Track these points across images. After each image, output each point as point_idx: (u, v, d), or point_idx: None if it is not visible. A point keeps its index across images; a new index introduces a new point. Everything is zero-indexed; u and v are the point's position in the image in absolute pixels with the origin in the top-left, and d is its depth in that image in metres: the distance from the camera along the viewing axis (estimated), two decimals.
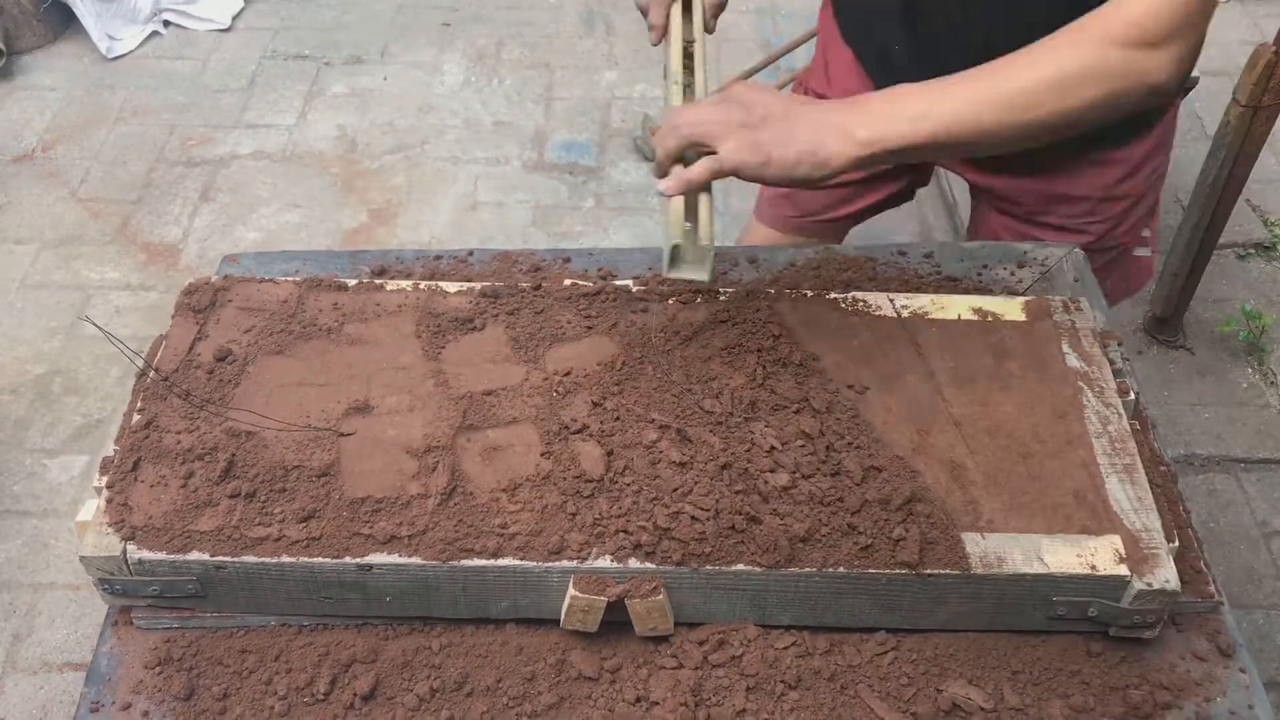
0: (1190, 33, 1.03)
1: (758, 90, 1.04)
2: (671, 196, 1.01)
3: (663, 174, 1.03)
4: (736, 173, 1.00)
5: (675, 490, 1.08)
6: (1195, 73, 2.41)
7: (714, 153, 1.02)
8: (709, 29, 1.36)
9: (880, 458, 1.13)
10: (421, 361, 1.22)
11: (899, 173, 1.71)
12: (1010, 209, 1.57)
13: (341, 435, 1.14)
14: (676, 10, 1.32)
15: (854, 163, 1.00)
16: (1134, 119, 1.36)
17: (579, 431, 1.14)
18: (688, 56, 1.24)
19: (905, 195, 1.78)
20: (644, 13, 1.35)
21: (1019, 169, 1.50)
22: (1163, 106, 1.42)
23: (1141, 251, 1.59)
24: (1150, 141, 1.44)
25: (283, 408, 1.16)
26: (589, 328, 1.25)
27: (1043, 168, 1.48)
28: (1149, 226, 1.55)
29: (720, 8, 1.37)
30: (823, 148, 1.00)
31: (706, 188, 1.06)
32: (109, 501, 1.09)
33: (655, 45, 1.34)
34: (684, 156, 1.05)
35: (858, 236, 2.00)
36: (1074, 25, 1.04)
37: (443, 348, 1.24)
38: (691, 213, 1.05)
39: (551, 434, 1.15)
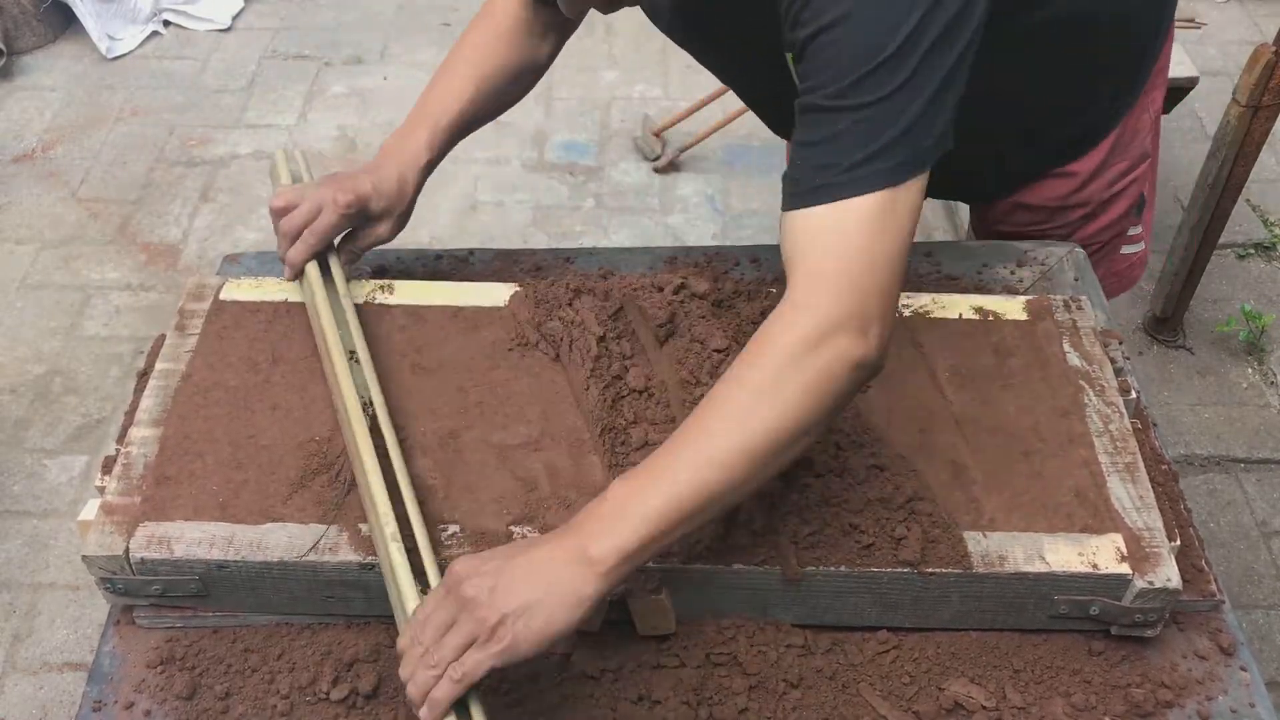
0: (869, 287, 0.94)
1: (470, 570, 0.92)
2: None
3: (417, 708, 0.92)
4: (489, 671, 0.90)
5: None
6: (1195, 73, 2.42)
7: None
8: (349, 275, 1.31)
9: (882, 456, 1.13)
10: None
11: None
12: (985, 213, 1.60)
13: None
14: (326, 308, 1.23)
15: (607, 584, 0.91)
16: (1078, 137, 1.41)
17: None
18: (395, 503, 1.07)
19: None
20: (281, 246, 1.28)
21: (990, 189, 1.53)
22: (1111, 117, 1.42)
23: (1130, 249, 1.60)
24: (1101, 153, 1.43)
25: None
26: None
27: (1004, 182, 1.50)
28: (1136, 223, 1.55)
29: (352, 261, 1.33)
30: (564, 596, 0.90)
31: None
32: (111, 501, 1.09)
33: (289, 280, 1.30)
34: None
35: None
36: (757, 336, 0.95)
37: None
38: None
39: (556, 438, 1.15)
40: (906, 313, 1.29)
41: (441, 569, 1.00)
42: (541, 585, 0.90)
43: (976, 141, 1.03)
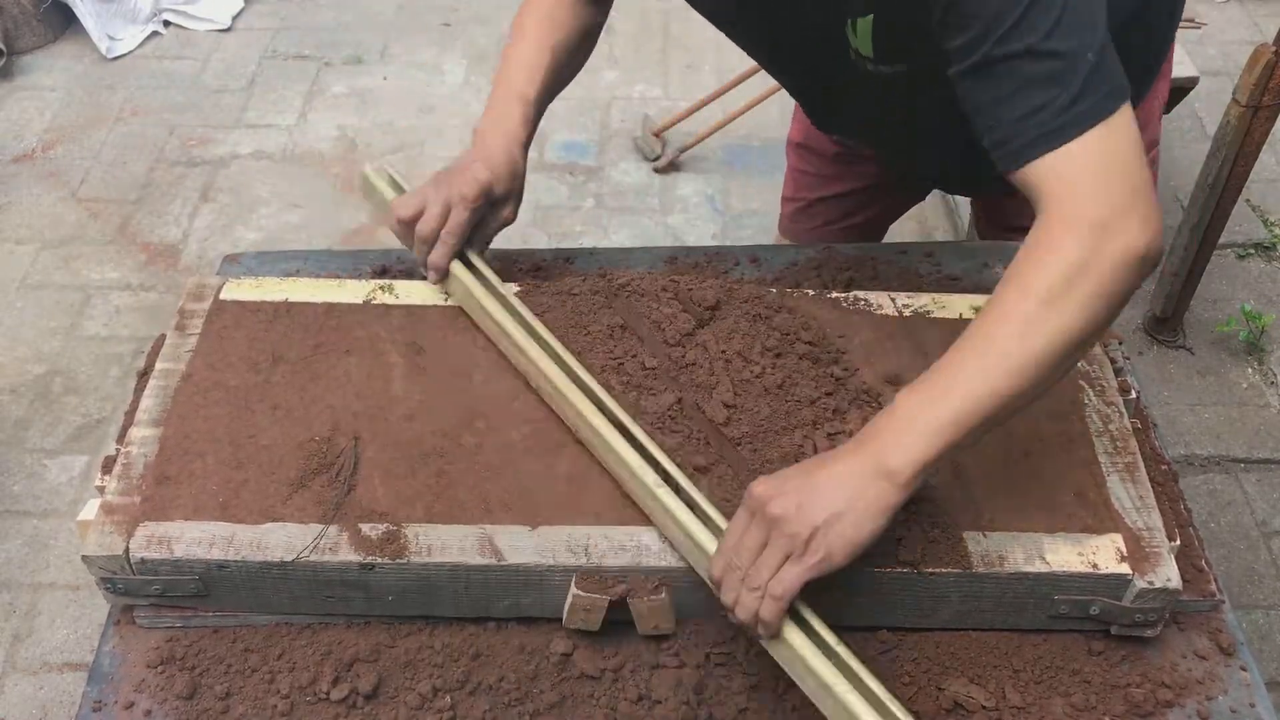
0: (1135, 184, 0.96)
1: (776, 484, 0.95)
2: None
3: (754, 632, 0.97)
4: (808, 583, 0.94)
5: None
6: (1195, 73, 2.42)
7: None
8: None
9: None
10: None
11: (904, 184, 1.72)
12: (997, 210, 1.60)
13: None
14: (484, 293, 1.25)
15: (906, 494, 0.93)
16: None
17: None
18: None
19: (918, 197, 1.80)
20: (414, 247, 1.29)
21: (996, 185, 1.51)
22: (1133, 101, 1.42)
23: None
24: None
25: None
26: (587, 331, 1.25)
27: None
28: None
29: (484, 249, 1.34)
30: (868, 505, 0.93)
31: None
32: (110, 501, 1.09)
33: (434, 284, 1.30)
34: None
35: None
36: (1031, 246, 0.96)
37: None
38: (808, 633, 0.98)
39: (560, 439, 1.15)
40: (907, 312, 1.29)
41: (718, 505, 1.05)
42: (844, 497, 0.93)
43: (953, 149, 1.05)
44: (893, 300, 1.31)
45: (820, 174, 1.71)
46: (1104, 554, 1.06)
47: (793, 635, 0.96)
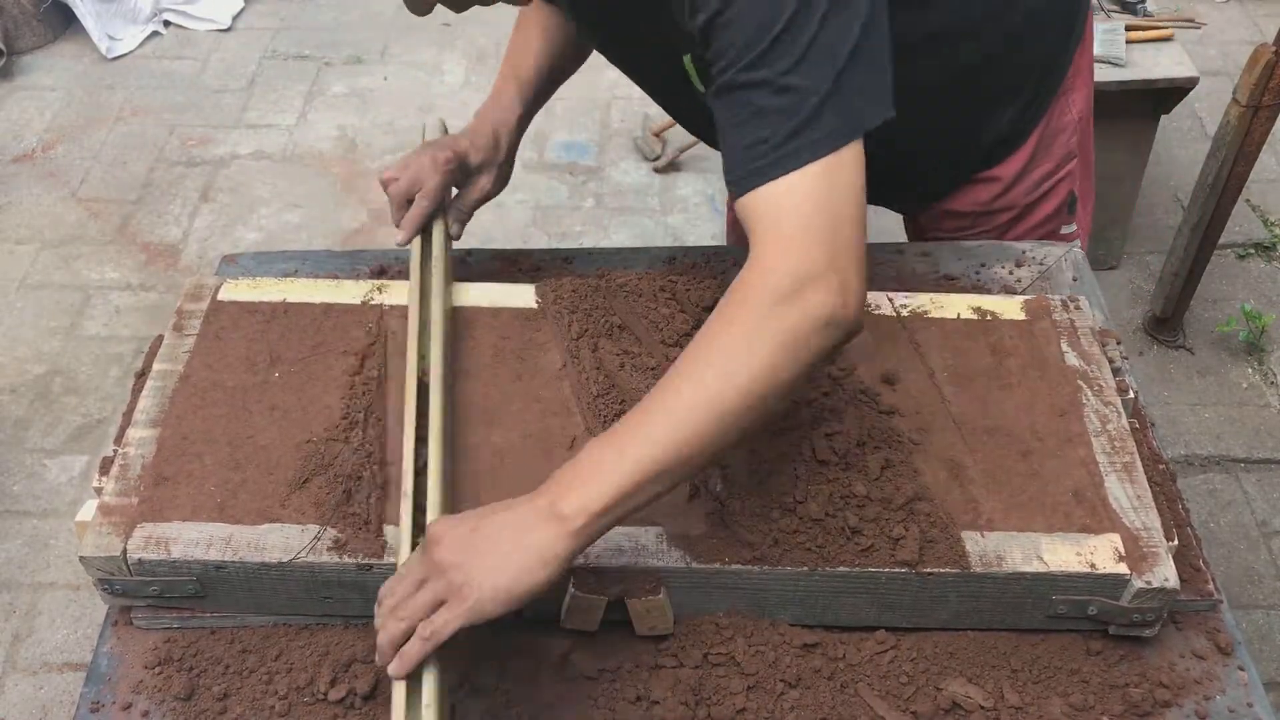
0: (834, 245, 0.93)
1: (444, 532, 0.93)
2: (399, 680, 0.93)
3: (385, 661, 0.93)
4: (458, 630, 0.91)
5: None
6: (1195, 73, 2.42)
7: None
8: (454, 235, 1.37)
9: (892, 455, 1.13)
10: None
11: None
12: (915, 221, 1.61)
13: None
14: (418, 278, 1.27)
15: (578, 542, 0.91)
16: (994, 143, 1.42)
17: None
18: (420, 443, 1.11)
19: None
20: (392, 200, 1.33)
21: (917, 197, 1.54)
22: (1026, 123, 1.42)
23: None
24: (1023, 157, 1.44)
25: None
26: (585, 330, 1.25)
27: (928, 190, 1.51)
28: (1070, 221, 1.56)
29: (463, 221, 1.38)
30: (535, 555, 0.90)
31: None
32: (108, 501, 1.09)
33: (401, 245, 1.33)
34: None
35: None
36: (727, 296, 0.95)
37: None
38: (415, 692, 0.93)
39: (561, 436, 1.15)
40: (905, 312, 1.29)
41: None
42: (509, 545, 0.91)
43: (890, 152, 1.03)
44: (890, 300, 1.31)
45: None
46: (1102, 554, 1.06)
47: (408, 687, 0.93)
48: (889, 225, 1.85)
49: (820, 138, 0.92)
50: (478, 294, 1.31)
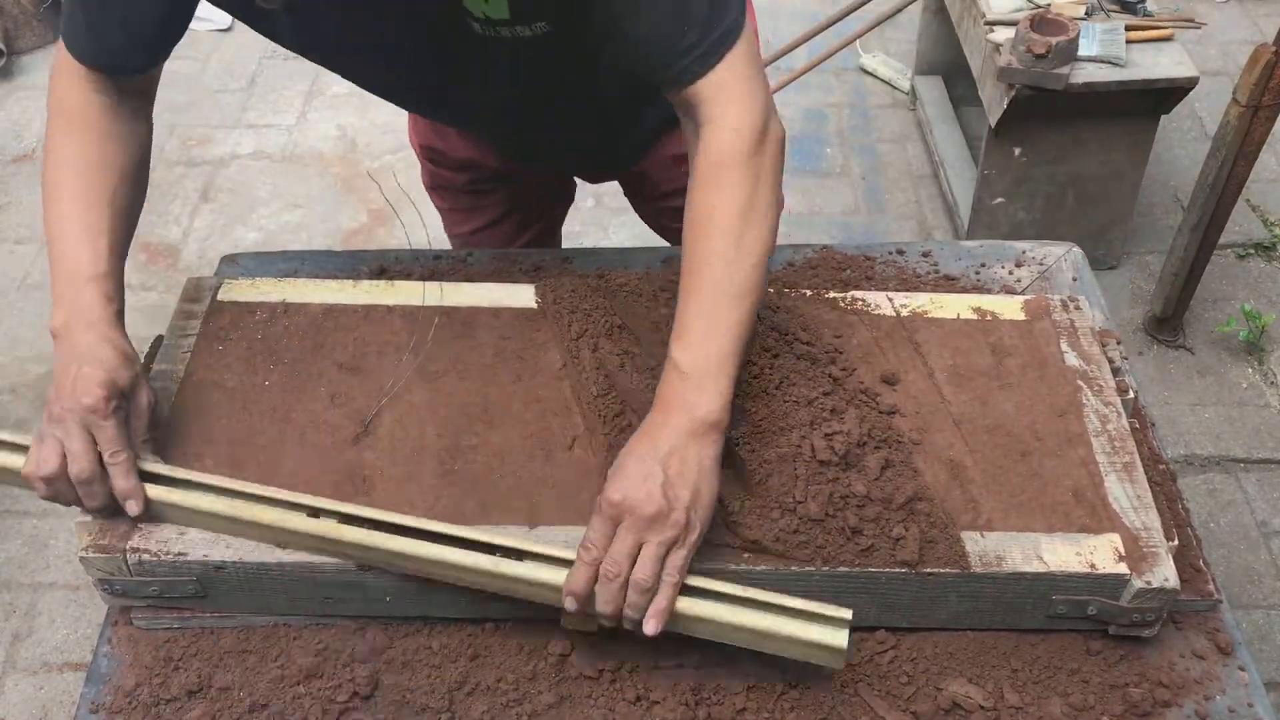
0: (763, 82, 1.11)
1: (625, 483, 0.99)
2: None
3: (667, 619, 1.00)
4: (686, 561, 1.00)
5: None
6: (1195, 73, 2.42)
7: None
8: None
9: (893, 455, 1.13)
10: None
11: (548, 190, 1.74)
12: (640, 189, 1.64)
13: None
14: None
15: (723, 432, 1.03)
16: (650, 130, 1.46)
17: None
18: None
19: (570, 199, 1.83)
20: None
21: (632, 154, 1.55)
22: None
23: None
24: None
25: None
26: (585, 330, 1.25)
27: (640, 142, 1.52)
28: None
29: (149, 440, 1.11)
30: (709, 460, 1.01)
31: None
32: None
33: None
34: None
35: (858, 235, 2.00)
36: (706, 169, 1.08)
37: None
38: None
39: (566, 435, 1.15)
40: (905, 312, 1.29)
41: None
42: (695, 469, 1.00)
43: (592, 120, 1.16)
44: (890, 300, 1.31)
45: (459, 209, 1.68)
46: (1102, 554, 1.06)
47: (695, 605, 1.00)
48: (892, 225, 1.85)
49: (737, 15, 1.07)
50: (478, 294, 1.31)
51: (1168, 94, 2.47)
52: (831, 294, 1.31)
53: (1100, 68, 2.40)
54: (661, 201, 1.60)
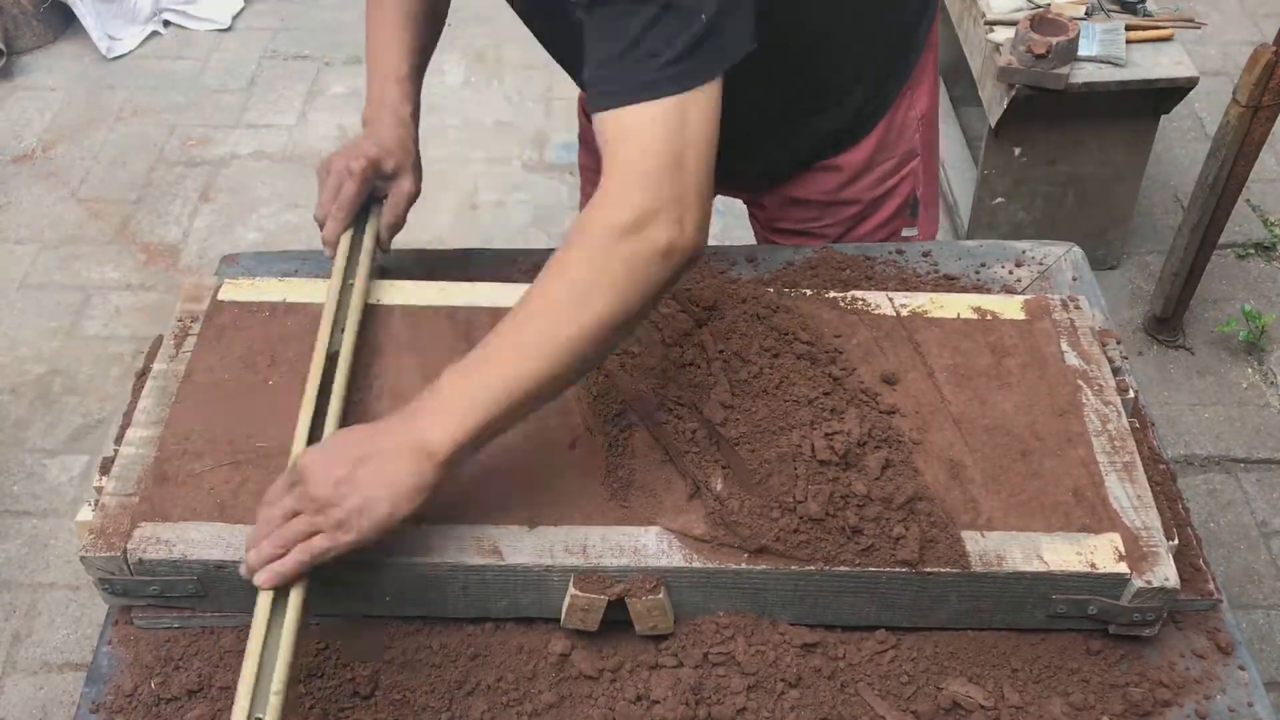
0: (681, 189, 0.98)
1: (318, 467, 0.99)
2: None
3: (250, 572, 1.00)
4: (335, 557, 0.98)
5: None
6: (1195, 73, 2.42)
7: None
8: (384, 248, 1.36)
9: (893, 455, 1.13)
10: None
11: None
12: (758, 214, 1.62)
13: None
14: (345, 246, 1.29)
15: (444, 472, 0.98)
16: (839, 130, 1.44)
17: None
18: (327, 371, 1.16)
19: None
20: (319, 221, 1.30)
21: (760, 178, 1.55)
22: (871, 114, 1.45)
23: None
24: (868, 148, 1.46)
25: None
26: None
27: (777, 175, 1.52)
28: (912, 224, 1.58)
29: (398, 227, 1.35)
30: (407, 489, 0.97)
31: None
32: (109, 501, 1.09)
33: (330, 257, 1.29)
34: None
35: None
36: (575, 229, 1.01)
37: None
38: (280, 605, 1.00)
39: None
40: (905, 312, 1.29)
41: None
42: (384, 481, 0.97)
43: (733, 121, 1.04)
44: (890, 300, 1.31)
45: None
46: (1102, 553, 1.06)
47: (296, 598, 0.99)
48: None
49: (683, 71, 0.96)
50: (478, 294, 1.31)
51: (1168, 94, 2.47)
52: (831, 294, 1.31)
53: (1100, 68, 2.40)
54: (764, 230, 1.62)
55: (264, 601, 0.98)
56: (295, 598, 0.99)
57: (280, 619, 0.98)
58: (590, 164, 1.71)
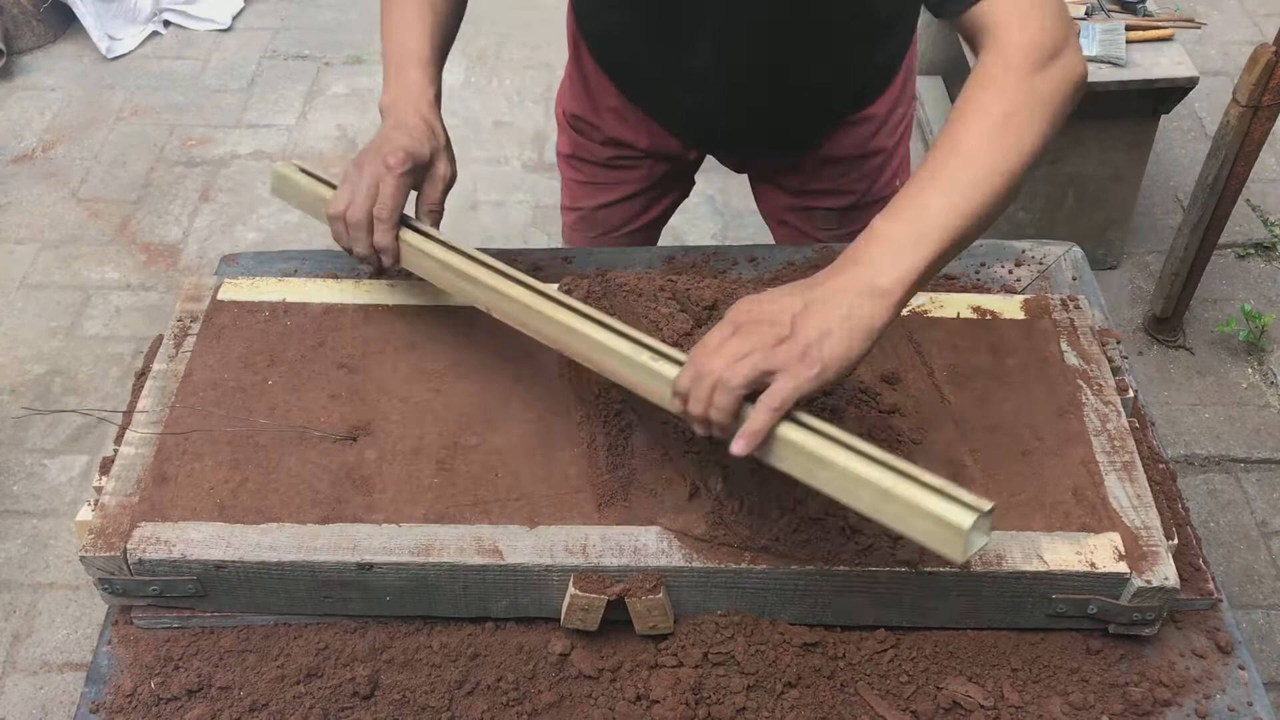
0: (1067, 17, 1.06)
1: (762, 300, 0.95)
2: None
3: (724, 433, 0.93)
4: (801, 397, 0.91)
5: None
6: (1195, 73, 2.42)
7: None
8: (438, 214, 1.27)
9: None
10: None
11: (680, 176, 1.74)
12: (785, 183, 1.63)
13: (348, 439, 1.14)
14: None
15: (895, 314, 0.95)
16: (876, 74, 1.48)
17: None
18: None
19: (686, 193, 1.82)
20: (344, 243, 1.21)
21: (791, 145, 1.57)
22: (895, 60, 1.49)
23: None
24: (893, 94, 1.51)
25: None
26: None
27: (808, 138, 1.54)
28: (901, 178, 1.62)
29: (438, 215, 1.27)
30: (861, 323, 0.92)
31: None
32: (108, 501, 1.09)
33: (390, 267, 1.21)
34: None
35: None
36: (981, 78, 1.02)
37: None
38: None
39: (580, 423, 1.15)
40: (904, 311, 1.29)
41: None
42: (838, 314, 0.92)
43: (782, 89, 1.07)
44: None
45: (594, 182, 1.72)
46: (1102, 553, 1.06)
47: (792, 432, 0.91)
48: None
49: None
50: None
51: (1168, 94, 2.47)
52: None
53: (1100, 68, 2.40)
54: (795, 199, 1.62)
55: (798, 438, 0.90)
56: (786, 432, 0.91)
57: (791, 446, 0.91)
58: (568, 150, 1.72)
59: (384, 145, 1.19)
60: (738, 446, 0.91)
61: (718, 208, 3.08)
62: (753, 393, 0.92)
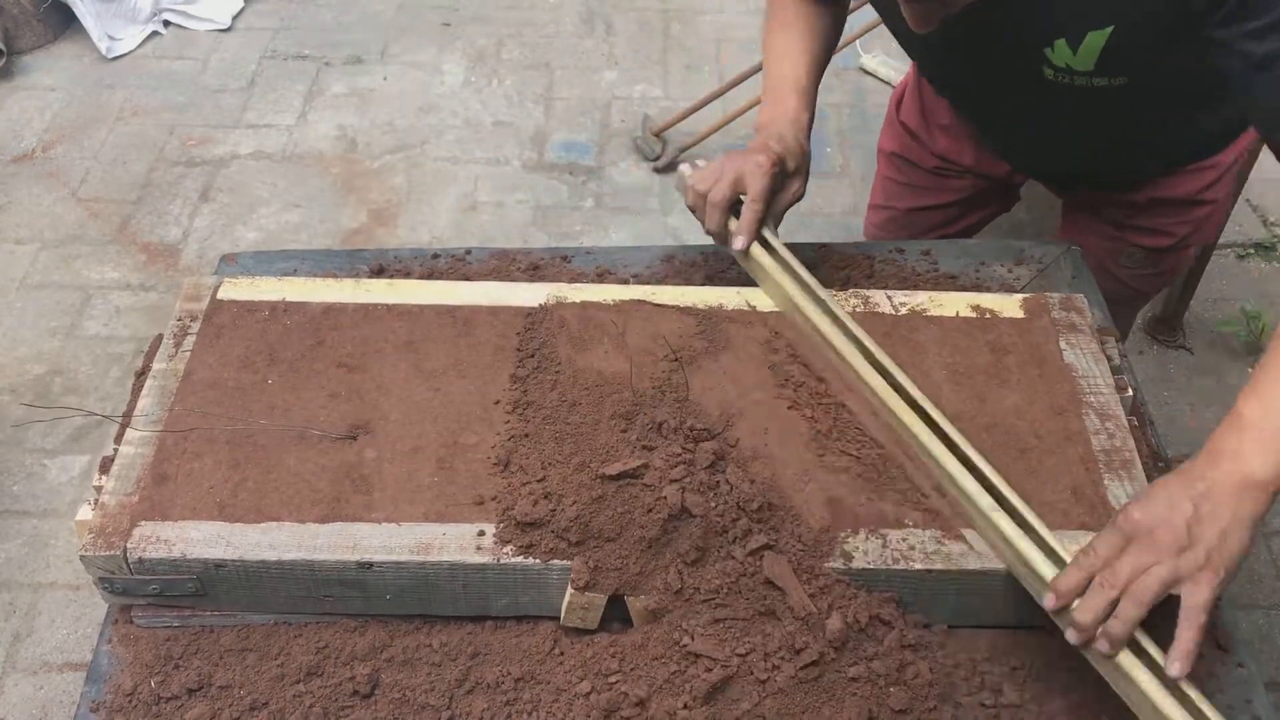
0: None
1: (1151, 506, 0.98)
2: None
3: (1116, 647, 0.95)
4: (1203, 601, 0.94)
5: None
6: None
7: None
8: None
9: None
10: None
11: (1001, 193, 1.73)
12: (1105, 213, 1.60)
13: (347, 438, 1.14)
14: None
15: (1272, 501, 0.98)
16: (1234, 126, 1.44)
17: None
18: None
19: (1007, 208, 1.81)
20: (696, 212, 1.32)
21: (1114, 184, 1.55)
22: None
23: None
24: (1240, 145, 1.48)
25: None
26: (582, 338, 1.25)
27: (1140, 181, 1.52)
28: (1218, 226, 1.59)
29: (777, 225, 1.35)
30: (1249, 517, 0.96)
31: None
32: (109, 500, 1.09)
33: (741, 249, 1.30)
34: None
35: (857, 234, 2.00)
36: None
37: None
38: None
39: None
40: (904, 310, 1.29)
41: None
42: (1225, 515, 0.95)
43: (1143, 137, 1.11)
44: (889, 298, 1.31)
45: (914, 185, 1.73)
46: None
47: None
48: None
49: None
50: (478, 293, 1.31)
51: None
52: (832, 292, 1.31)
53: None
54: (1109, 228, 1.60)
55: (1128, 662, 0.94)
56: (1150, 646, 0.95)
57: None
58: (894, 148, 1.74)
59: (758, 148, 1.31)
60: (1175, 669, 0.93)
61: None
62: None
